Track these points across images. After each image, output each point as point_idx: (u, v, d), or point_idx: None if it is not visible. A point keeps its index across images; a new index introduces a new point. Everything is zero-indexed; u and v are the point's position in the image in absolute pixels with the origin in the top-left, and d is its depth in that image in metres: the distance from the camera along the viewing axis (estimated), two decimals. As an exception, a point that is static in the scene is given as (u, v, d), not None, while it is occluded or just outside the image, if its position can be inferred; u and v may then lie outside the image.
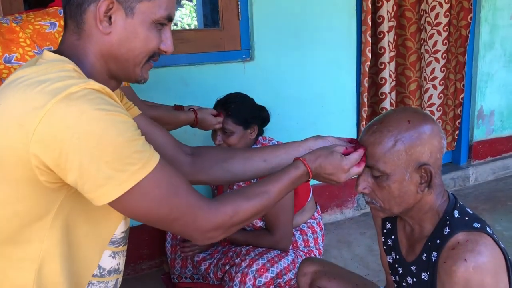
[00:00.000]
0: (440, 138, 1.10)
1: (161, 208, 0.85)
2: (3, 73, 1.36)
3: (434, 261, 1.11)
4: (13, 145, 0.77)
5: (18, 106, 0.78)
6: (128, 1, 0.88)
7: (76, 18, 0.89)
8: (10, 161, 0.79)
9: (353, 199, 2.98)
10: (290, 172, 1.07)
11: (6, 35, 1.37)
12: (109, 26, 0.88)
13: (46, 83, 0.78)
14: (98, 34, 0.89)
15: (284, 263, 1.83)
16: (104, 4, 0.86)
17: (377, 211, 1.22)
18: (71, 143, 0.75)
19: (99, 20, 0.87)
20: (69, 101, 0.76)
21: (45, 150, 0.76)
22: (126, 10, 0.88)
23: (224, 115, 1.90)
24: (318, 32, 2.64)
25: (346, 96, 2.83)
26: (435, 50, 3.06)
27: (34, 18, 1.42)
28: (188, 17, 8.54)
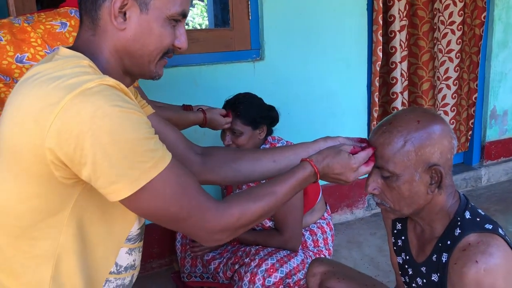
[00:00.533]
0: (450, 138, 1.09)
1: (170, 207, 0.85)
2: (15, 73, 1.37)
3: (444, 262, 1.10)
4: (29, 141, 0.78)
5: (34, 102, 0.79)
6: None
7: (91, 13, 0.89)
8: (26, 157, 0.80)
9: (364, 199, 2.96)
10: (297, 173, 1.07)
11: (18, 35, 1.38)
12: (123, 22, 0.88)
13: (61, 79, 0.79)
14: (113, 30, 0.89)
15: (293, 263, 1.83)
16: (119, 0, 0.86)
17: (388, 212, 1.22)
18: (86, 138, 0.75)
19: (114, 16, 0.87)
20: (84, 97, 0.76)
21: (60, 145, 0.77)
22: (140, 6, 0.88)
23: (233, 115, 1.90)
24: (329, 31, 2.63)
25: (357, 96, 2.81)
26: (449, 49, 3.03)
27: (45, 18, 1.43)
28: (199, 17, 8.56)
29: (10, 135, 0.81)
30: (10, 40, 1.37)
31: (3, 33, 1.38)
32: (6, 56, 1.36)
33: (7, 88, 1.39)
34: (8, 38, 1.37)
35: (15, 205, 0.85)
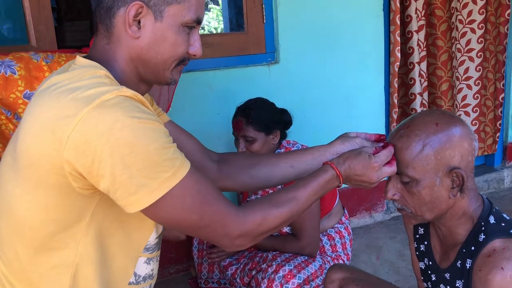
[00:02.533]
0: (470, 140, 1.05)
1: (192, 215, 0.84)
2: (20, 108, 1.37)
3: (468, 268, 1.07)
4: (47, 152, 0.78)
5: (51, 114, 0.79)
6: (158, 4, 0.87)
7: (106, 22, 0.89)
8: (44, 168, 0.80)
9: (383, 202, 2.91)
10: (318, 176, 1.04)
11: (33, 71, 1.38)
12: (138, 31, 0.88)
13: (79, 91, 0.79)
14: (127, 38, 0.89)
15: (311, 269, 1.80)
16: (134, 8, 0.86)
17: (409, 218, 1.19)
18: (104, 150, 0.75)
19: (128, 24, 0.87)
20: (102, 109, 0.76)
21: (78, 157, 0.77)
22: (155, 13, 0.87)
23: (245, 122, 1.88)
24: (344, 33, 2.60)
25: (375, 98, 2.77)
26: (469, 48, 2.97)
27: (65, 60, 1.43)
28: (215, 21, 8.61)
29: (27, 146, 0.81)
30: (24, 75, 1.36)
31: (18, 67, 1.37)
32: (15, 90, 1.35)
33: (7, 122, 1.38)
34: (22, 74, 1.36)
35: (33, 216, 0.85)
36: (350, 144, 1.18)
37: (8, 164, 0.87)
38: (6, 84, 1.35)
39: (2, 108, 1.36)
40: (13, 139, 0.88)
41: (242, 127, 1.87)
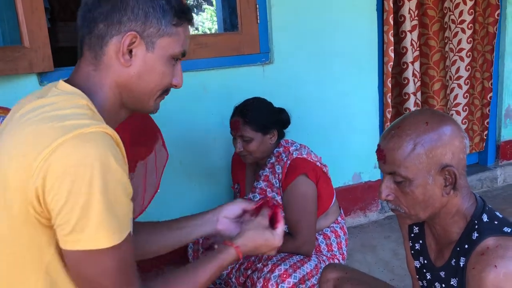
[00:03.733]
0: (461, 138, 1.06)
1: (104, 280, 0.82)
2: None
3: (462, 266, 1.08)
4: (18, 178, 0.78)
5: (28, 139, 0.79)
6: (150, 36, 0.91)
7: (95, 49, 0.91)
8: (12, 192, 0.79)
9: (377, 202, 2.92)
10: (220, 259, 1.07)
11: None
12: (129, 59, 0.91)
13: (59, 119, 0.79)
14: (117, 66, 0.91)
15: (307, 268, 1.80)
16: (128, 38, 0.90)
17: (404, 218, 1.19)
18: (65, 182, 0.76)
19: (122, 53, 0.90)
20: (77, 141, 0.77)
21: (43, 185, 0.76)
22: (147, 44, 0.91)
23: (242, 122, 1.88)
24: (338, 33, 2.60)
25: (368, 97, 2.78)
26: (460, 48, 2.99)
27: None
28: (209, 22, 8.59)
29: (1, 169, 0.81)
30: None
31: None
32: None
33: None
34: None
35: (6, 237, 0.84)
36: (233, 205, 1.24)
37: None
38: None
39: None
40: None
41: (239, 127, 1.87)
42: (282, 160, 1.92)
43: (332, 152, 2.71)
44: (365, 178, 2.86)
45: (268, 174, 1.95)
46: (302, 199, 1.86)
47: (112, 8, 0.90)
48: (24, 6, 1.89)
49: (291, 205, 1.87)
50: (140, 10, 0.90)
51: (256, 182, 1.98)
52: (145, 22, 0.91)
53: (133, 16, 0.90)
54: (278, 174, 1.91)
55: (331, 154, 2.70)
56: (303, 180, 1.86)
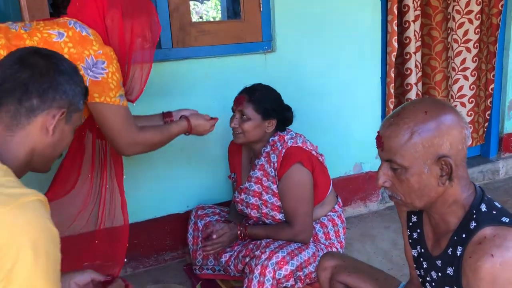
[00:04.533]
0: (461, 128, 1.05)
1: None
2: None
3: (459, 255, 1.08)
4: None
5: None
6: (71, 111, 1.07)
7: (20, 118, 1.00)
8: None
9: (378, 192, 2.93)
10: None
11: (13, 40, 1.36)
12: (53, 131, 1.04)
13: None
14: (38, 135, 1.02)
15: (304, 256, 1.81)
16: (59, 114, 1.03)
17: (400, 206, 1.19)
18: (11, 248, 0.81)
19: (52, 126, 1.03)
20: (20, 211, 0.84)
21: None
22: (67, 118, 1.07)
23: (247, 99, 1.88)
24: (342, 22, 2.59)
25: (371, 87, 2.77)
26: (466, 39, 2.96)
27: (44, 26, 1.41)
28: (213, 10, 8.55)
29: None
30: (4, 44, 1.34)
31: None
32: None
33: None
34: (3, 43, 1.35)
35: None
36: (82, 275, 1.25)
37: None
38: None
39: None
40: None
41: (243, 103, 1.88)
42: (277, 149, 1.92)
43: (334, 142, 2.71)
44: (366, 168, 2.86)
45: (263, 163, 1.95)
46: (297, 187, 1.86)
47: (49, 86, 1.01)
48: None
49: (287, 193, 1.88)
50: (69, 91, 1.05)
51: (252, 171, 1.99)
52: (71, 101, 1.06)
53: (65, 95, 1.04)
54: (273, 163, 1.91)
55: (333, 144, 2.70)
56: (299, 168, 1.86)
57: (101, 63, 1.41)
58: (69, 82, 1.06)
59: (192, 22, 2.30)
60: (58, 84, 1.04)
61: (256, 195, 1.96)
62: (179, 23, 2.26)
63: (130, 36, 1.54)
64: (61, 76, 1.05)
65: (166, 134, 1.69)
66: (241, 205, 2.03)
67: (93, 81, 1.41)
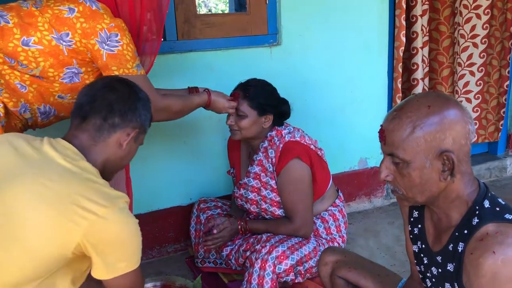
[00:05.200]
0: (464, 123, 1.04)
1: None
2: (20, 56, 1.38)
3: (460, 251, 1.07)
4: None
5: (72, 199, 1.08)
6: (140, 132, 1.28)
7: (104, 132, 1.20)
8: None
9: (382, 188, 2.91)
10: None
11: (25, 18, 1.39)
12: (125, 146, 1.25)
13: (100, 186, 1.12)
14: (115, 148, 1.23)
15: (305, 251, 1.81)
16: (134, 132, 1.25)
17: (402, 200, 1.18)
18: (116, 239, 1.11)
19: (126, 142, 1.24)
20: (121, 212, 1.11)
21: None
22: (136, 137, 1.27)
23: (241, 96, 1.87)
24: (348, 15, 2.56)
25: (377, 82, 2.75)
26: (473, 34, 2.92)
27: (54, 3, 1.43)
28: (222, 3, 8.52)
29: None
30: (17, 23, 1.38)
31: (10, 16, 1.39)
32: (12, 38, 1.37)
33: (11, 70, 1.40)
34: (16, 21, 1.38)
35: None
36: None
37: None
38: (3, 33, 1.36)
39: (5, 57, 1.37)
40: None
41: (238, 100, 1.86)
42: (274, 144, 1.90)
43: (339, 136, 2.69)
44: (371, 163, 2.85)
45: (261, 158, 1.94)
46: (296, 182, 1.85)
47: (129, 109, 1.22)
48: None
49: (286, 188, 1.87)
50: (142, 115, 1.26)
51: (250, 167, 1.98)
52: (142, 123, 1.27)
53: (139, 118, 1.25)
54: (271, 158, 1.90)
55: (338, 138, 2.69)
56: (297, 163, 1.85)
57: (114, 36, 1.43)
58: (144, 108, 1.28)
59: (197, 14, 2.29)
60: (136, 108, 1.24)
61: (254, 191, 1.96)
62: (184, 16, 2.25)
63: (140, 10, 1.57)
64: (139, 102, 1.26)
65: (188, 103, 1.77)
66: (241, 200, 2.03)
67: (110, 54, 1.43)
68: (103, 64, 1.45)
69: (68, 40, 1.40)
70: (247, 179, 1.98)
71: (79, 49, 1.42)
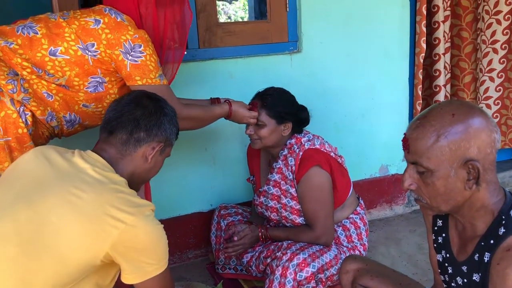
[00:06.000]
0: (489, 132, 1.02)
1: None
2: (47, 65, 1.42)
3: (486, 262, 1.05)
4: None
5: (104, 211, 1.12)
6: (166, 146, 1.33)
7: (129, 146, 1.26)
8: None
9: (404, 195, 2.88)
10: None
11: (53, 29, 1.43)
12: (151, 159, 1.29)
13: (125, 198, 1.16)
14: (139, 161, 1.28)
15: (326, 258, 1.80)
16: (158, 146, 1.29)
17: (426, 209, 1.17)
18: (148, 247, 1.17)
19: (151, 156, 1.29)
20: (146, 219, 1.15)
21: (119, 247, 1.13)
22: (161, 150, 1.32)
23: (260, 105, 1.88)
24: (368, 22, 2.56)
25: (398, 88, 2.73)
26: (494, 40, 2.88)
27: (81, 15, 1.48)
28: (242, 10, 8.59)
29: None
30: (45, 33, 1.42)
31: (39, 27, 1.43)
32: (40, 48, 1.41)
33: (39, 80, 1.44)
34: (44, 32, 1.43)
35: None
36: None
37: None
38: (31, 44, 1.41)
39: (33, 66, 1.41)
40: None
41: (256, 110, 1.88)
42: (294, 152, 1.90)
43: (359, 143, 2.68)
44: (392, 170, 2.82)
45: (281, 166, 1.94)
46: (317, 189, 1.85)
47: (154, 124, 1.27)
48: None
49: (306, 196, 1.86)
50: (168, 130, 1.31)
51: (270, 175, 1.98)
52: (167, 137, 1.32)
53: (164, 132, 1.30)
54: (291, 166, 1.90)
55: (358, 146, 2.67)
56: (317, 171, 1.84)
57: (138, 47, 1.47)
58: (170, 122, 1.32)
59: (219, 22, 2.32)
60: (161, 123, 1.29)
61: (274, 198, 1.96)
62: (205, 24, 2.28)
63: (163, 23, 1.62)
64: (165, 117, 1.30)
65: (209, 113, 1.80)
66: (261, 208, 2.03)
67: (133, 65, 1.47)
68: (126, 74, 1.48)
69: (93, 50, 1.44)
70: (267, 187, 1.98)
71: (103, 59, 1.46)
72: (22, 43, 1.40)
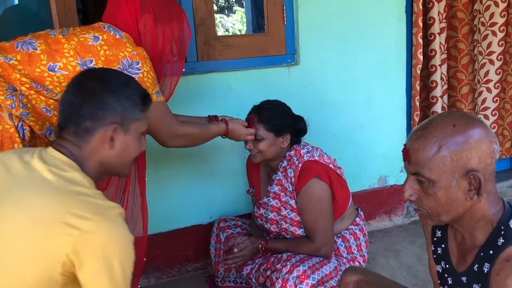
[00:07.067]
0: (490, 142, 1.04)
1: None
2: (46, 81, 1.43)
3: (486, 272, 1.06)
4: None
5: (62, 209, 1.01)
6: (127, 123, 1.16)
7: (81, 138, 1.13)
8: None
9: (403, 206, 2.88)
10: None
11: (52, 45, 1.45)
12: (112, 144, 1.15)
13: (88, 198, 1.04)
14: (101, 150, 1.14)
15: (326, 270, 1.79)
16: (111, 129, 1.13)
17: (426, 219, 1.18)
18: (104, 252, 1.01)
19: (107, 142, 1.14)
20: (110, 222, 1.02)
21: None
22: (124, 129, 1.16)
23: (257, 120, 1.89)
24: (366, 34, 2.58)
25: (396, 100, 2.75)
26: (490, 51, 2.91)
27: (80, 31, 1.50)
28: (239, 23, 8.66)
29: None
30: (45, 49, 1.44)
31: (38, 43, 1.45)
32: (39, 64, 1.42)
33: (37, 95, 1.44)
34: (43, 48, 1.44)
35: None
36: None
37: None
38: (30, 59, 1.42)
39: (32, 82, 1.42)
40: None
41: (253, 125, 1.89)
42: (293, 164, 1.91)
43: (358, 154, 2.69)
44: (391, 181, 2.83)
45: (281, 178, 1.95)
46: (316, 201, 1.86)
47: (98, 107, 1.12)
48: (58, 8, 1.95)
49: (306, 208, 1.87)
50: (118, 107, 1.14)
51: (270, 187, 1.99)
52: (122, 114, 1.15)
53: (113, 111, 1.13)
54: (291, 178, 1.90)
55: (357, 157, 2.68)
56: (316, 183, 1.85)
57: (136, 64, 1.48)
58: (117, 98, 1.15)
59: (217, 36, 2.34)
60: (106, 103, 1.13)
61: (274, 210, 1.96)
62: (204, 37, 2.30)
63: (162, 40, 1.63)
64: (110, 95, 1.14)
65: (205, 131, 1.80)
66: (261, 220, 2.04)
67: None
68: None
69: (91, 66, 1.45)
70: (267, 199, 1.99)
71: None
72: (22, 59, 1.41)
